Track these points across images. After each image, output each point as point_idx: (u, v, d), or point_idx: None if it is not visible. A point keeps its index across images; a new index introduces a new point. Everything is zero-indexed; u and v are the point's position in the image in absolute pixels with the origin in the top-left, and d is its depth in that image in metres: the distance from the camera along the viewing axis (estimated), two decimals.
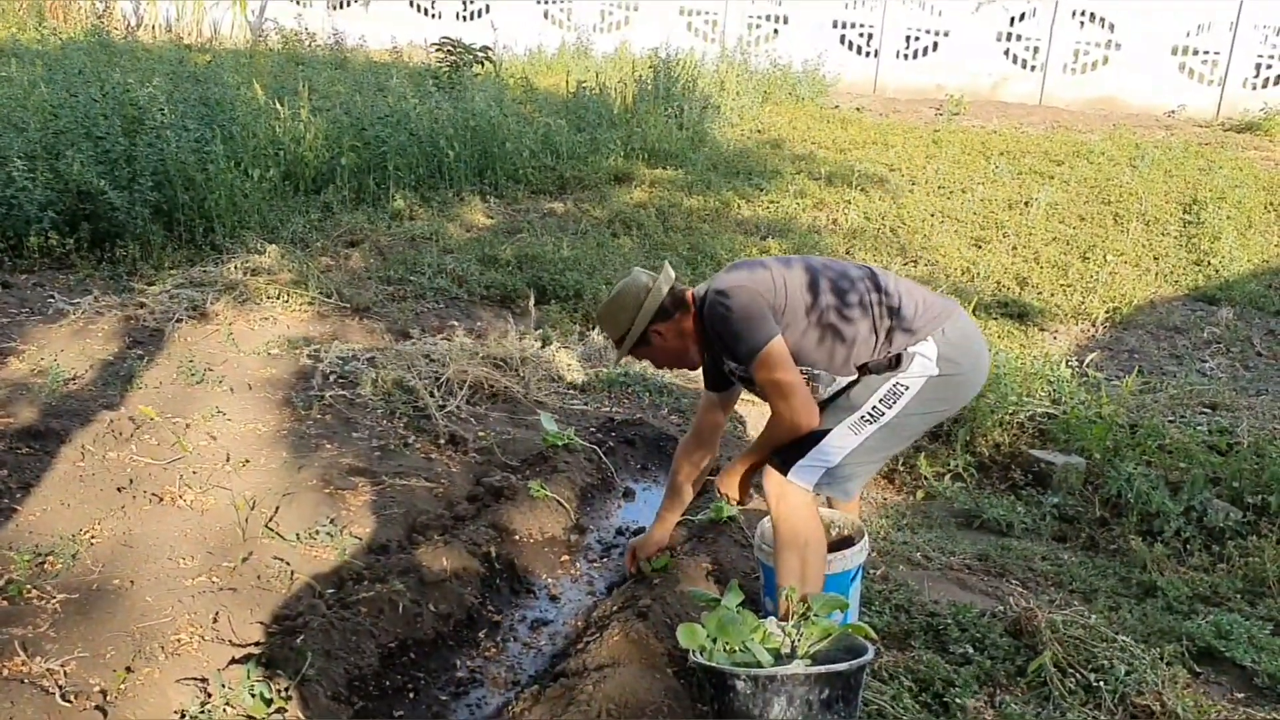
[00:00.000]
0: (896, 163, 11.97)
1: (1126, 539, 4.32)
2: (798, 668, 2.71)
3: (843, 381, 3.22)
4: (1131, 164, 11.64)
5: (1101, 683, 3.18)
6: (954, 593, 3.84)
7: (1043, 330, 7.28)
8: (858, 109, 15.45)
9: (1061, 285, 8.08)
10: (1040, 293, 7.91)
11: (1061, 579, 4.03)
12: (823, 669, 2.69)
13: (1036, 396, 5.33)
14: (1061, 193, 10.56)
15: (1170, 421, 5.29)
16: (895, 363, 3.13)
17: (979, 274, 8.15)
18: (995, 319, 7.27)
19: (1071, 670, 3.24)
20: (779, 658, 2.84)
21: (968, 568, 4.10)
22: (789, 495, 3.19)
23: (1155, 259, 8.90)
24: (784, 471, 3.20)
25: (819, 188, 10.78)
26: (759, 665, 2.77)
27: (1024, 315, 7.47)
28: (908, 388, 3.11)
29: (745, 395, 3.65)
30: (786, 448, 3.23)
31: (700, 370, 3.59)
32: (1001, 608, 3.66)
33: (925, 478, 4.93)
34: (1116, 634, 3.40)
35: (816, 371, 3.20)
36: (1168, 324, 7.64)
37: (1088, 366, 6.10)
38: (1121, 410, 5.22)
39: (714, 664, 2.75)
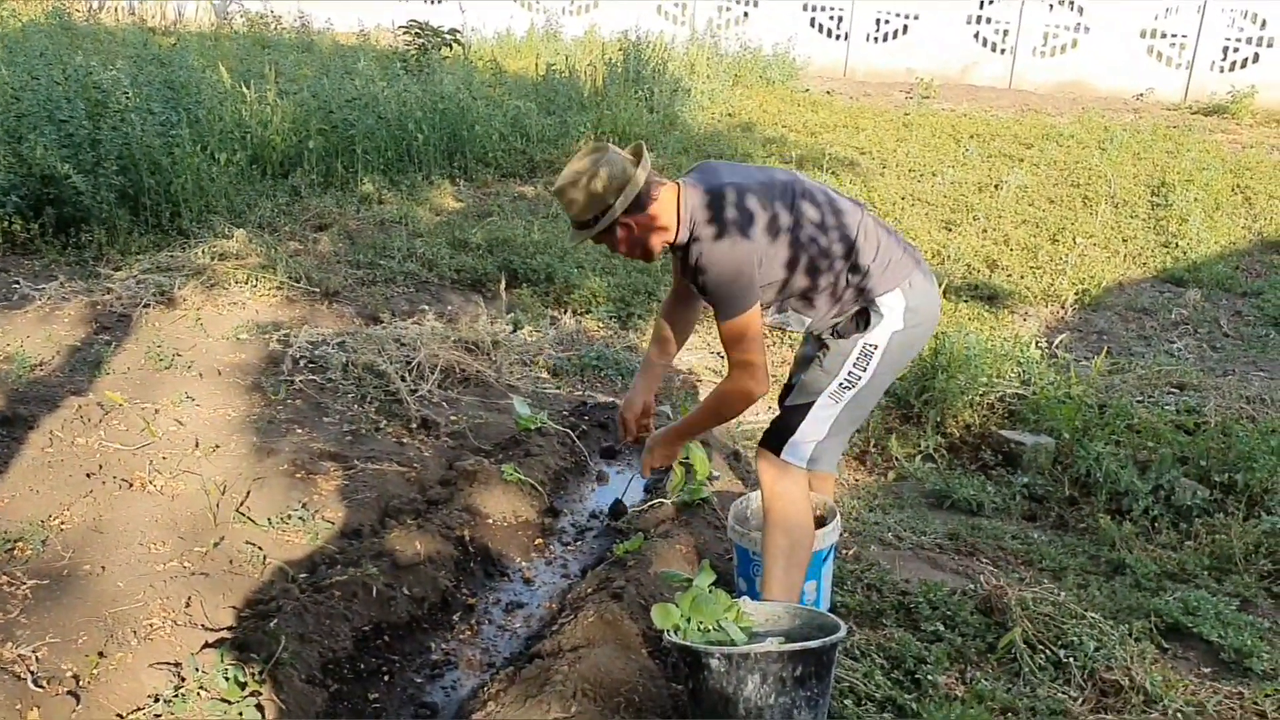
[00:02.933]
0: (867, 146, 12.00)
1: (1095, 518, 4.37)
2: (771, 645, 2.73)
3: (805, 321, 3.23)
4: (1100, 147, 11.72)
5: (1071, 658, 3.22)
6: (925, 572, 3.87)
7: (1013, 312, 7.33)
8: (828, 92, 15.48)
9: (1031, 267, 8.14)
10: (1010, 275, 7.96)
11: (1031, 557, 4.07)
12: (796, 646, 2.71)
13: (1006, 378, 5.37)
14: (1031, 175, 10.62)
15: (1139, 401, 5.34)
16: (863, 323, 3.14)
17: (949, 256, 8.19)
18: (966, 301, 7.30)
19: (1041, 647, 3.28)
20: (752, 636, 2.85)
21: (939, 547, 4.14)
22: (784, 478, 3.20)
23: (1124, 241, 8.97)
24: (777, 452, 3.21)
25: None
26: (733, 644, 2.78)
27: (994, 297, 7.52)
28: (876, 346, 3.12)
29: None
30: (775, 428, 3.24)
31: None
32: (972, 586, 3.69)
33: (896, 458, 4.96)
34: (1085, 611, 3.44)
35: (786, 314, 3.23)
36: (1136, 305, 7.71)
37: (1057, 348, 6.16)
38: (1090, 391, 5.26)
39: (688, 643, 2.76)
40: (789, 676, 2.69)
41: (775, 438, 3.24)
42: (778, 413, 3.38)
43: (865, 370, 3.14)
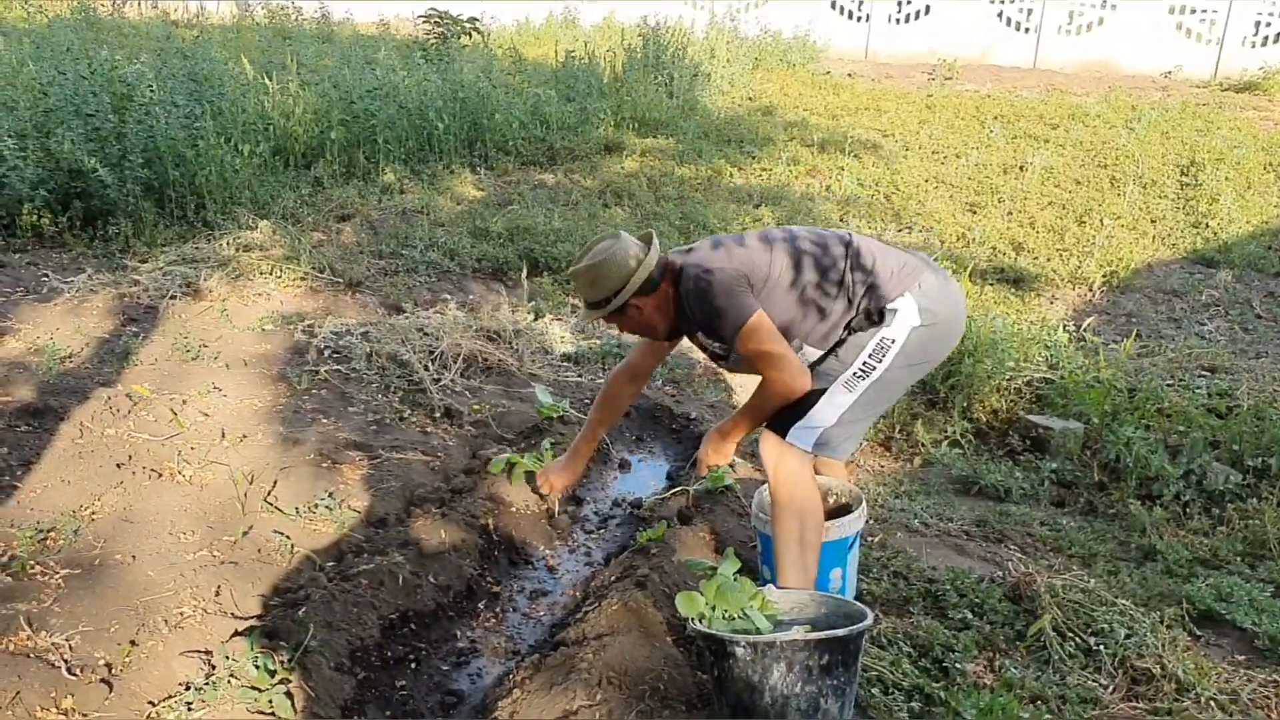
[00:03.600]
0: (889, 128, 11.92)
1: (1125, 503, 4.32)
2: (797, 634, 2.72)
3: (816, 354, 3.25)
4: (1128, 126, 11.59)
5: (1101, 646, 3.19)
6: (952, 559, 3.85)
7: (1039, 295, 7.27)
8: (849, 75, 15.37)
9: (1058, 250, 8.06)
10: (1036, 258, 7.90)
11: (1060, 544, 4.04)
12: (822, 635, 2.70)
13: (1034, 362, 5.32)
14: (1057, 156, 10.52)
15: (1169, 385, 5.29)
16: (879, 318, 3.14)
17: (974, 239, 8.13)
18: (991, 285, 7.25)
19: (1071, 634, 3.25)
20: (778, 624, 2.84)
21: (966, 534, 4.11)
22: (787, 459, 3.19)
23: (1153, 222, 8.88)
24: (782, 435, 3.21)
25: (812, 155, 10.73)
26: (758, 632, 2.77)
27: (1020, 280, 7.46)
28: (894, 340, 3.12)
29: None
30: (781, 412, 3.23)
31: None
32: (1000, 573, 3.66)
33: (923, 444, 4.93)
34: (1116, 598, 3.40)
35: (794, 344, 3.23)
36: (1165, 287, 7.63)
37: (1085, 331, 6.10)
38: (1119, 374, 5.21)
39: (714, 631, 2.75)
40: (815, 665, 2.68)
41: (783, 420, 3.22)
42: None
43: (881, 362, 3.14)
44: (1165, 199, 9.39)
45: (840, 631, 2.71)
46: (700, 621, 2.82)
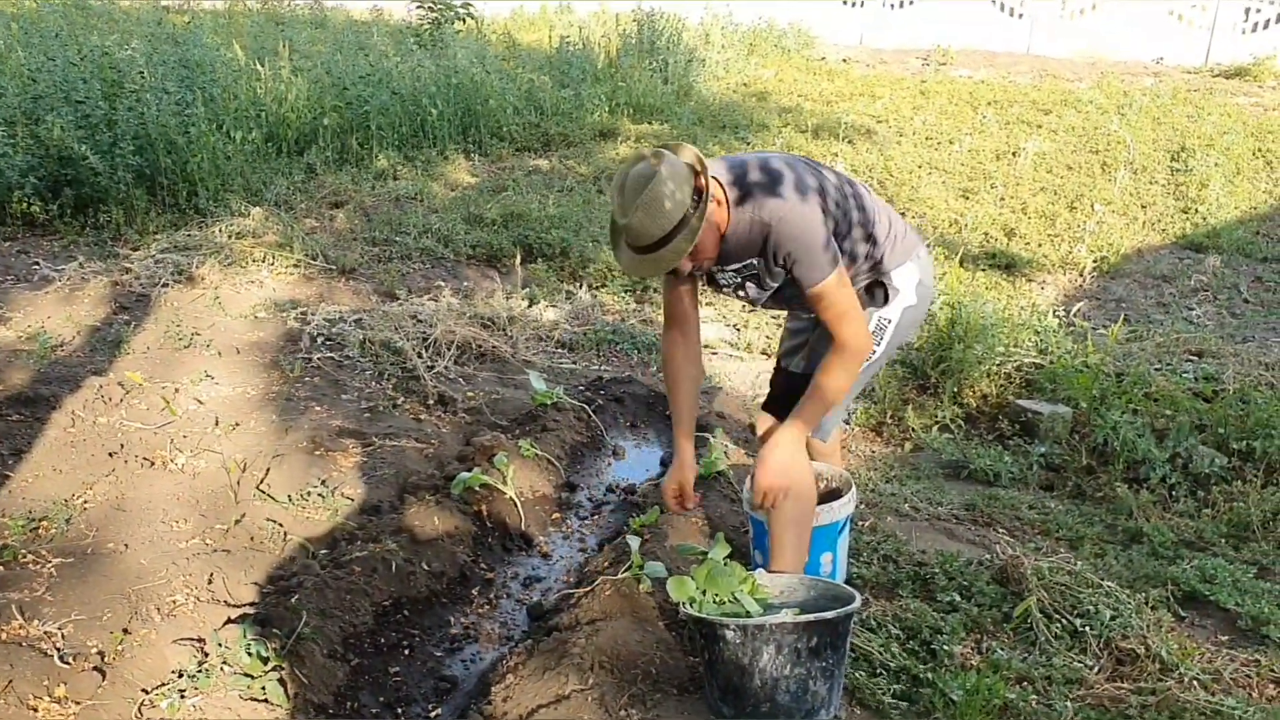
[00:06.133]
0: (884, 114, 11.90)
1: (1113, 486, 4.36)
2: (786, 617, 2.74)
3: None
4: (1120, 112, 11.59)
5: (1087, 628, 3.22)
6: (941, 542, 3.88)
7: (1030, 281, 7.29)
8: (844, 60, 15.35)
9: (1049, 235, 8.08)
10: (1028, 243, 7.91)
11: (1048, 527, 4.07)
12: (811, 617, 2.72)
13: (1024, 347, 5.34)
14: (1049, 142, 10.52)
15: (1157, 369, 5.32)
16: (881, 297, 3.15)
17: (967, 225, 8.14)
18: (983, 270, 7.27)
19: (1058, 616, 3.28)
20: (767, 608, 2.87)
21: (955, 518, 4.14)
22: None
23: (1143, 207, 8.90)
24: (781, 419, 3.21)
25: (806, 140, 10.72)
26: (748, 615, 2.80)
27: (1012, 266, 7.48)
28: (890, 320, 3.15)
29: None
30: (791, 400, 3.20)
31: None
32: (988, 556, 3.70)
33: (913, 429, 4.96)
34: (1102, 580, 3.43)
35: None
36: (1155, 272, 7.65)
37: (1074, 316, 6.12)
38: (1108, 359, 5.24)
39: (704, 614, 2.78)
40: (804, 647, 2.71)
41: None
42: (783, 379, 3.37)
43: (879, 345, 3.17)
44: (1156, 185, 9.41)
45: (828, 614, 2.73)
46: (691, 605, 2.84)
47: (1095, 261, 7.64)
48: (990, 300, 5.81)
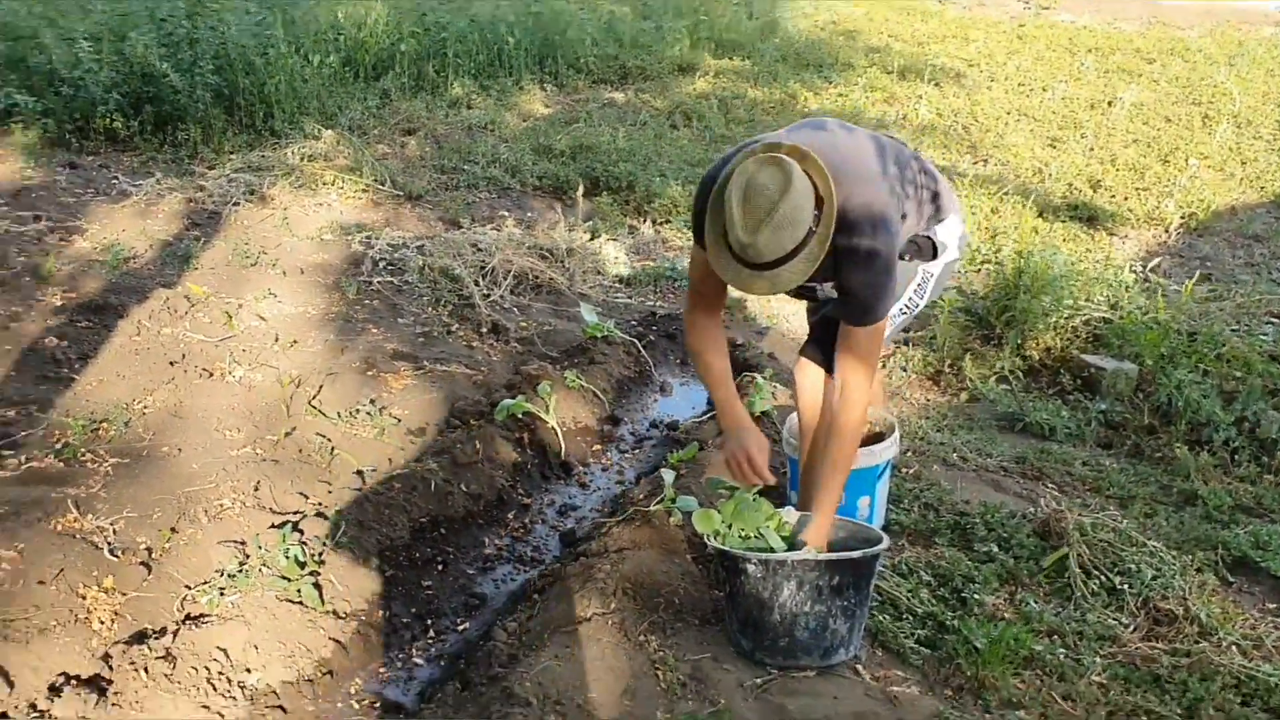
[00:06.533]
0: (976, 58, 11.57)
1: (1172, 447, 4.22)
2: (808, 554, 2.73)
3: None
4: (1230, 63, 11.07)
5: (1126, 585, 3.15)
6: (987, 494, 3.81)
7: (1112, 235, 7.05)
8: (940, 1, 14.90)
9: (1137, 189, 7.79)
10: (1113, 196, 7.64)
11: (1100, 484, 3.96)
12: (833, 556, 2.71)
13: (1094, 301, 5.18)
14: (1149, 92, 10.12)
15: (1233, 330, 5.11)
16: (930, 250, 3.08)
17: (1050, 175, 7.89)
18: (1063, 221, 7.05)
19: (1096, 572, 3.21)
20: (793, 546, 2.86)
21: (1004, 470, 4.06)
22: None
23: (1242, 163, 8.51)
24: (828, 370, 3.17)
25: (891, 81, 10.48)
26: (771, 551, 2.79)
27: (1093, 219, 7.23)
28: (932, 274, 3.12)
29: None
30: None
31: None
32: (1032, 509, 3.62)
33: (971, 380, 4.86)
34: (1147, 539, 3.35)
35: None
36: (1247, 231, 7.34)
37: (1151, 271, 5.92)
38: (1181, 316, 5.05)
39: (726, 548, 2.78)
40: (825, 585, 2.70)
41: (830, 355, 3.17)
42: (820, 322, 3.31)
43: (922, 298, 3.15)
44: (1260, 140, 8.98)
45: (853, 554, 2.72)
46: (715, 538, 2.84)
47: (1183, 218, 7.36)
48: (1063, 252, 5.64)
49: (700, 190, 2.77)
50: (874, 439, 3.44)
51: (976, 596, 3.10)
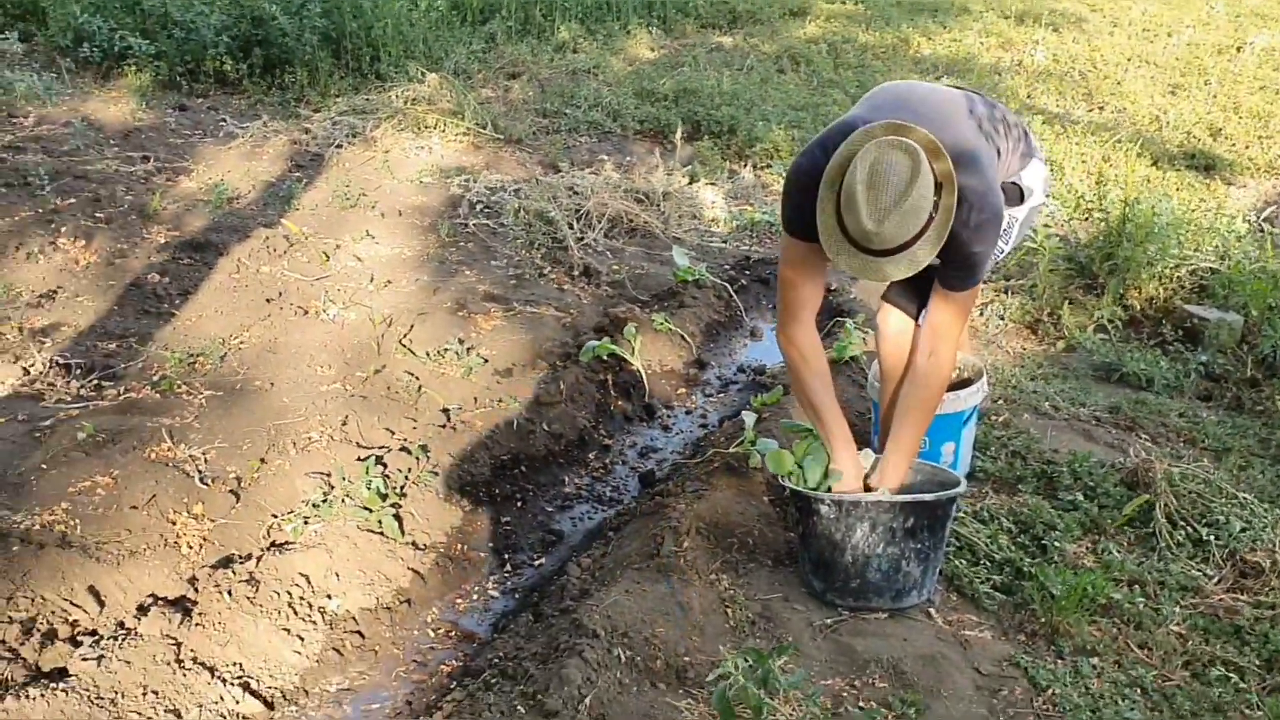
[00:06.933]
0: (1099, 3, 11.09)
1: (1274, 400, 4.04)
2: (882, 495, 2.71)
3: None
4: None
5: (1213, 537, 3.04)
6: (1077, 443, 3.70)
7: (1229, 184, 6.71)
8: None
9: (1260, 137, 7.39)
10: (1234, 145, 7.26)
11: (1195, 436, 3.82)
12: (907, 498, 2.68)
13: (1203, 250, 4.96)
14: None
15: None
16: (1016, 195, 3.01)
17: (1168, 123, 7.54)
18: (1178, 170, 6.74)
19: (1183, 523, 3.11)
20: (869, 488, 2.83)
21: (1096, 419, 3.93)
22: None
23: None
24: (916, 317, 3.12)
25: (1008, 26, 10.12)
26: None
27: (1210, 167, 6.89)
28: (1018, 219, 3.06)
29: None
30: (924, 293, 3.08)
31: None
32: (1122, 459, 3.51)
33: (1069, 329, 4.71)
34: (1239, 492, 3.23)
35: None
36: None
37: (1265, 220, 5.63)
38: None
39: (800, 488, 2.77)
40: (899, 527, 2.68)
41: (922, 303, 3.12)
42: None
43: (1008, 244, 3.10)
44: None
45: (927, 496, 2.69)
46: (789, 479, 2.84)
47: None
48: (1174, 200, 5.40)
49: (796, 177, 2.68)
50: (960, 385, 3.37)
51: (1057, 544, 3.03)
